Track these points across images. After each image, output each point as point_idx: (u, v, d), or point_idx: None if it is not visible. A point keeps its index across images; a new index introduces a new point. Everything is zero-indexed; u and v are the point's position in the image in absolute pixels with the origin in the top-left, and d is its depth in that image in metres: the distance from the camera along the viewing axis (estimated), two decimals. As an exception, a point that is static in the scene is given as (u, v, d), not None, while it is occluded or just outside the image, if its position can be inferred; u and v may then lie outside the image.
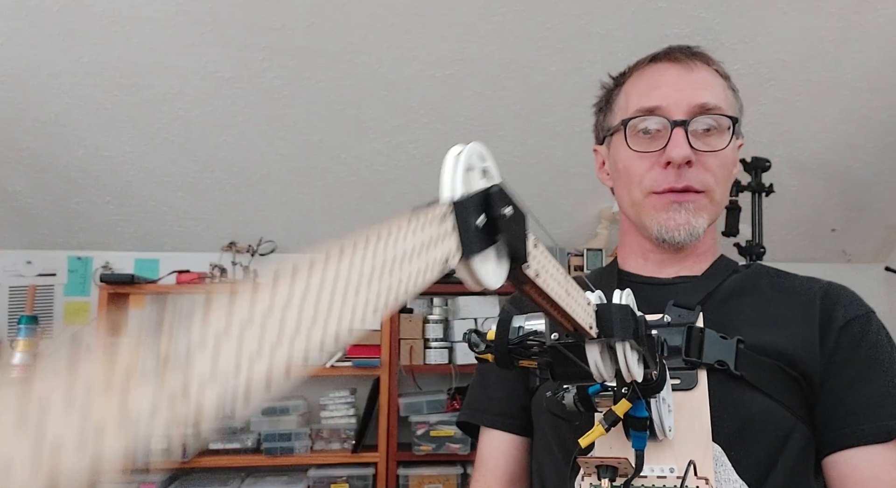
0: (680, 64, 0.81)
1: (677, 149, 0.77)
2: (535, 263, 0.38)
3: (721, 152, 0.80)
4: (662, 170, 0.79)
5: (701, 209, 0.80)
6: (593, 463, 0.57)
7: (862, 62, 2.37)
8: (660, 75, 0.82)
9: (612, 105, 0.87)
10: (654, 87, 0.81)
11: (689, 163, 0.77)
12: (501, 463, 0.87)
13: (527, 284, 0.38)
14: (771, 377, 0.72)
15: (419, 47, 2.23)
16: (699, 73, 0.81)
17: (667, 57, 0.83)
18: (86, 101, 2.34)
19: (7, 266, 2.88)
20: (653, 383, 0.56)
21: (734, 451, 0.69)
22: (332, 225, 2.89)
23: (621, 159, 0.83)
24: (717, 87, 0.81)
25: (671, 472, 0.63)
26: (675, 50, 0.83)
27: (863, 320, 0.77)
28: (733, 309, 0.79)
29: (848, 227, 3.08)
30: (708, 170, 0.79)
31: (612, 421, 0.57)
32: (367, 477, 2.59)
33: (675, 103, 0.79)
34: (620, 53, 2.23)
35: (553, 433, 0.79)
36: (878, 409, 0.72)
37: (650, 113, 0.79)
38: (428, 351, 2.70)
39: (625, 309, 0.48)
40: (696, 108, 0.78)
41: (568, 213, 2.92)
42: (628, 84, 0.85)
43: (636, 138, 0.81)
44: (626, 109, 0.83)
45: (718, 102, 0.80)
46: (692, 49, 0.84)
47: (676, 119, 0.78)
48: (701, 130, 0.79)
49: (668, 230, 0.80)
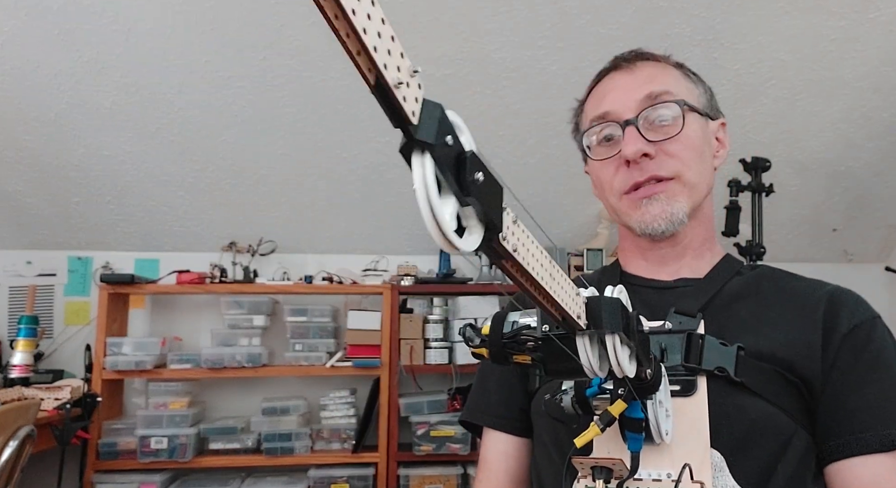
0: (622, 69, 0.84)
1: (629, 146, 0.78)
2: (514, 238, 0.38)
3: (680, 136, 0.79)
4: (626, 169, 0.80)
5: (675, 195, 0.80)
6: (588, 463, 0.57)
7: (862, 62, 2.36)
8: (606, 85, 0.85)
9: (579, 125, 0.90)
10: (602, 97, 0.84)
11: (649, 155, 0.79)
12: (503, 465, 0.88)
13: (506, 259, 0.38)
14: (771, 382, 0.72)
15: (419, 47, 2.23)
16: (642, 71, 0.83)
17: (613, 67, 0.86)
18: (86, 101, 2.34)
19: (7, 266, 2.88)
20: (647, 382, 0.56)
21: (734, 457, 0.68)
22: (332, 225, 2.89)
23: (593, 171, 0.87)
24: (665, 77, 0.83)
25: (668, 477, 0.63)
26: (619, 58, 0.86)
27: (868, 325, 0.76)
28: (735, 313, 0.78)
29: (849, 227, 3.07)
30: (672, 156, 0.79)
31: (608, 421, 0.57)
32: (368, 478, 2.59)
33: (622, 105, 0.81)
34: (620, 52, 2.23)
35: (551, 436, 0.79)
36: (881, 417, 0.71)
37: (602, 120, 0.82)
38: (428, 351, 2.70)
39: (615, 302, 0.48)
40: (642, 103, 0.80)
41: (568, 213, 2.92)
42: (587, 103, 0.88)
43: (599, 148, 0.84)
44: (585, 125, 0.87)
45: (665, 89, 0.80)
46: (634, 52, 0.86)
47: (626, 118, 0.80)
48: (657, 122, 0.80)
49: (647, 223, 0.80)
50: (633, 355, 0.51)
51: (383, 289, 2.72)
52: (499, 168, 1.21)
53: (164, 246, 2.93)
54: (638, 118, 0.79)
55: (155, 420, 2.54)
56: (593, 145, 0.84)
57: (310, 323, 2.73)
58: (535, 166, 2.68)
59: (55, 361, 2.80)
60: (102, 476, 2.49)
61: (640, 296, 0.84)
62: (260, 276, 2.83)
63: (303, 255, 2.99)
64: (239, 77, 2.30)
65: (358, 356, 2.65)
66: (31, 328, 2.64)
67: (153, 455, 2.49)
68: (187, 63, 2.24)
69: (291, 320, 2.73)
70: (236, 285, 2.73)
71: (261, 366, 2.62)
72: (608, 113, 0.81)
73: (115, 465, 2.52)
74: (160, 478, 2.51)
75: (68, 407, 2.33)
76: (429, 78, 2.57)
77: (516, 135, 2.56)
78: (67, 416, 2.32)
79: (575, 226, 2.97)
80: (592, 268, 2.83)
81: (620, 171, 0.81)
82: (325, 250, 2.99)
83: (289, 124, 2.48)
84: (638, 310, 0.78)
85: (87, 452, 2.51)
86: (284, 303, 2.82)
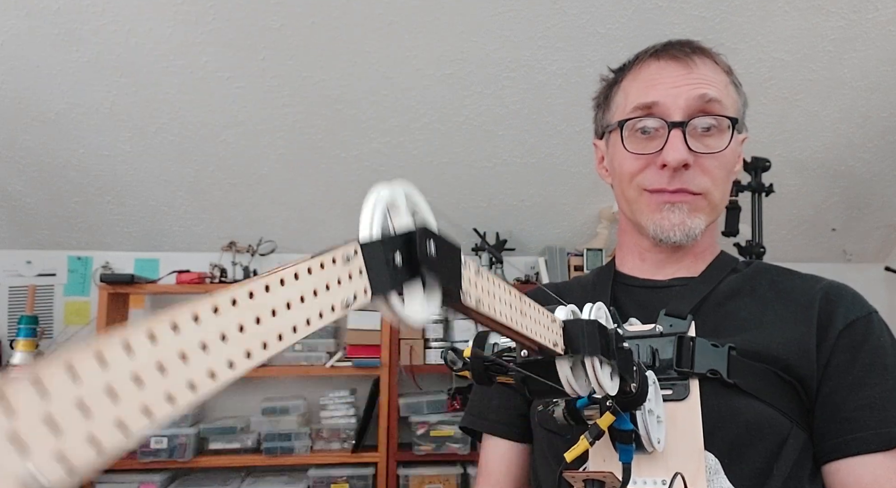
0: (679, 61, 0.79)
1: (674, 153, 0.75)
2: (477, 291, 0.38)
3: (720, 153, 0.77)
4: (658, 170, 0.77)
5: (697, 210, 0.78)
6: (580, 477, 0.56)
7: (862, 61, 2.36)
8: (658, 72, 0.79)
9: (611, 101, 0.85)
10: (651, 85, 0.78)
11: (686, 165, 0.76)
12: (503, 470, 0.87)
13: (471, 311, 0.38)
14: (765, 382, 0.71)
15: (419, 47, 2.23)
16: (699, 70, 0.78)
17: (666, 53, 0.80)
18: (86, 101, 2.34)
19: (7, 266, 2.88)
20: (633, 396, 0.55)
21: (729, 459, 0.68)
22: (332, 225, 2.89)
23: (618, 158, 0.82)
24: (719, 84, 0.79)
25: (663, 485, 0.62)
26: (675, 45, 0.80)
27: (864, 322, 0.75)
28: (728, 312, 0.78)
29: (848, 227, 3.07)
30: (706, 173, 0.77)
31: (596, 434, 0.57)
32: (368, 477, 2.59)
33: (673, 102, 0.76)
34: (621, 52, 2.22)
35: (548, 444, 0.79)
36: (880, 416, 0.70)
37: (648, 110, 0.77)
38: (428, 351, 2.70)
39: (592, 324, 0.48)
40: (695, 108, 0.76)
41: (568, 213, 2.92)
42: (627, 80, 0.83)
43: (633, 138, 0.79)
44: (623, 107, 0.81)
45: (719, 97, 0.77)
46: (692, 44, 0.81)
47: (674, 120, 0.76)
48: (700, 130, 0.77)
49: (663, 230, 0.79)
50: (615, 373, 0.50)
51: (383, 288, 2.72)
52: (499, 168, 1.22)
53: (164, 246, 2.93)
54: (688, 124, 0.76)
55: (155, 420, 2.54)
56: (627, 134, 0.79)
57: (310, 323, 2.73)
58: (535, 166, 2.68)
59: (55, 361, 2.80)
60: (102, 475, 2.49)
61: (633, 297, 0.84)
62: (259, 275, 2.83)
63: (303, 255, 2.98)
64: (239, 77, 2.30)
65: (358, 356, 2.65)
66: (31, 328, 2.63)
67: (153, 454, 2.49)
68: (187, 63, 2.24)
69: (291, 320, 2.72)
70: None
71: (260, 366, 2.60)
72: (656, 104, 0.77)
73: (115, 465, 2.51)
74: (160, 478, 2.51)
75: (68, 407, 2.33)
76: (429, 78, 2.58)
77: (516, 136, 2.56)
78: (67, 416, 2.31)
79: (575, 226, 2.97)
80: (592, 267, 2.83)
81: (650, 170, 0.78)
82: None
83: (289, 124, 2.48)
84: (631, 312, 0.78)
85: (87, 452, 2.50)
86: (284, 303, 2.82)
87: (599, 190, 2.76)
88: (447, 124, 2.51)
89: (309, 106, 2.41)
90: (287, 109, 2.42)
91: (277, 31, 2.15)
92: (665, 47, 0.81)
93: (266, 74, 2.29)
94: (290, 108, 2.42)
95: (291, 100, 2.39)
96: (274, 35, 2.16)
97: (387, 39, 2.19)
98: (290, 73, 2.29)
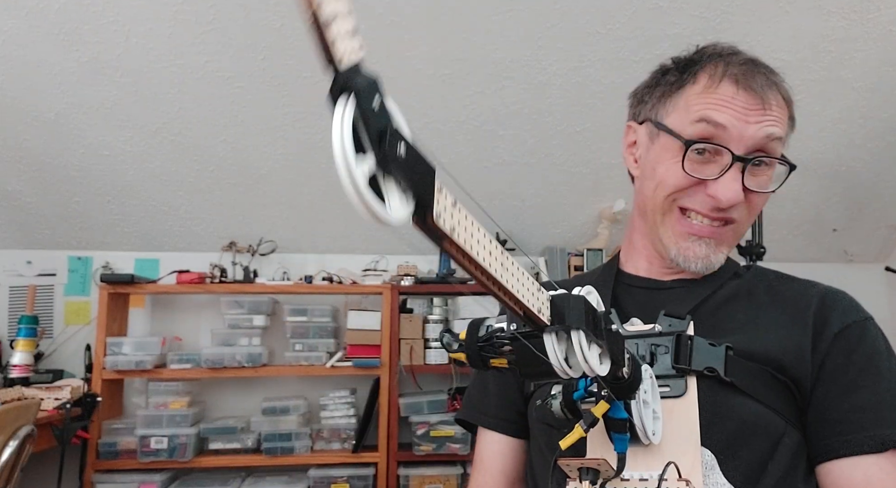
0: (750, 90, 0.76)
1: (728, 194, 0.75)
2: (452, 220, 0.37)
3: (766, 193, 0.79)
4: (704, 196, 0.77)
5: (723, 241, 0.80)
6: (575, 464, 0.57)
7: (862, 62, 2.37)
8: (733, 97, 0.76)
9: (668, 99, 0.81)
10: (723, 103, 0.76)
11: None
12: (499, 465, 0.88)
13: (445, 240, 0.37)
14: (761, 382, 0.72)
15: (419, 47, 2.23)
16: (772, 109, 0.77)
17: (745, 82, 0.77)
18: (86, 100, 2.34)
19: (7, 266, 2.88)
20: (625, 382, 0.56)
21: (725, 456, 0.69)
22: (333, 225, 2.89)
23: (664, 165, 0.79)
24: (783, 121, 0.79)
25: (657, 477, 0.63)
26: (752, 74, 0.77)
27: (859, 327, 0.76)
28: (726, 314, 0.79)
29: (849, 227, 3.08)
30: (748, 206, 0.79)
31: (591, 422, 0.57)
32: (368, 477, 2.59)
33: (740, 134, 0.75)
34: (621, 52, 2.23)
35: (545, 439, 0.80)
36: (873, 418, 0.71)
37: (712, 129, 0.75)
38: (428, 351, 2.70)
39: (579, 298, 0.48)
40: (759, 143, 0.76)
41: (568, 213, 2.92)
42: (694, 89, 0.78)
43: (690, 157, 0.77)
44: (685, 114, 0.78)
45: (782, 137, 0.78)
46: (767, 76, 0.79)
47: (738, 154, 0.75)
48: (757, 167, 0.78)
49: (686, 260, 0.80)
50: (605, 354, 0.51)
51: (383, 288, 2.72)
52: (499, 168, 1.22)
53: (164, 246, 2.93)
54: (749, 162, 0.75)
55: (155, 420, 2.54)
56: (689, 154, 0.77)
57: (310, 323, 2.73)
58: (535, 166, 2.68)
59: (55, 361, 2.80)
60: (102, 475, 2.49)
61: (634, 297, 0.84)
62: (260, 276, 2.83)
63: (303, 255, 2.99)
64: (239, 77, 2.30)
65: (358, 356, 2.65)
66: (31, 328, 2.64)
67: (153, 455, 2.49)
68: (187, 63, 2.24)
69: (291, 320, 2.73)
70: (236, 285, 2.73)
71: (261, 366, 2.62)
72: (724, 128, 0.75)
73: (115, 465, 2.52)
74: (160, 478, 2.51)
75: (68, 407, 2.33)
76: (429, 78, 2.58)
77: (516, 136, 2.56)
78: (67, 416, 2.32)
79: (575, 226, 2.97)
80: (592, 267, 2.83)
81: (695, 192, 0.77)
82: (324, 250, 3.00)
83: (289, 124, 2.48)
84: (632, 312, 0.79)
85: (87, 452, 2.51)
86: (284, 303, 2.82)
87: (599, 190, 2.76)
88: (447, 124, 2.51)
89: (309, 106, 2.41)
90: (287, 109, 2.42)
91: (277, 31, 2.15)
92: (745, 74, 0.77)
93: (266, 74, 2.29)
94: (290, 108, 2.42)
95: (291, 100, 2.39)
96: (274, 35, 2.16)
97: (387, 39, 2.19)
98: (290, 73, 2.29)
